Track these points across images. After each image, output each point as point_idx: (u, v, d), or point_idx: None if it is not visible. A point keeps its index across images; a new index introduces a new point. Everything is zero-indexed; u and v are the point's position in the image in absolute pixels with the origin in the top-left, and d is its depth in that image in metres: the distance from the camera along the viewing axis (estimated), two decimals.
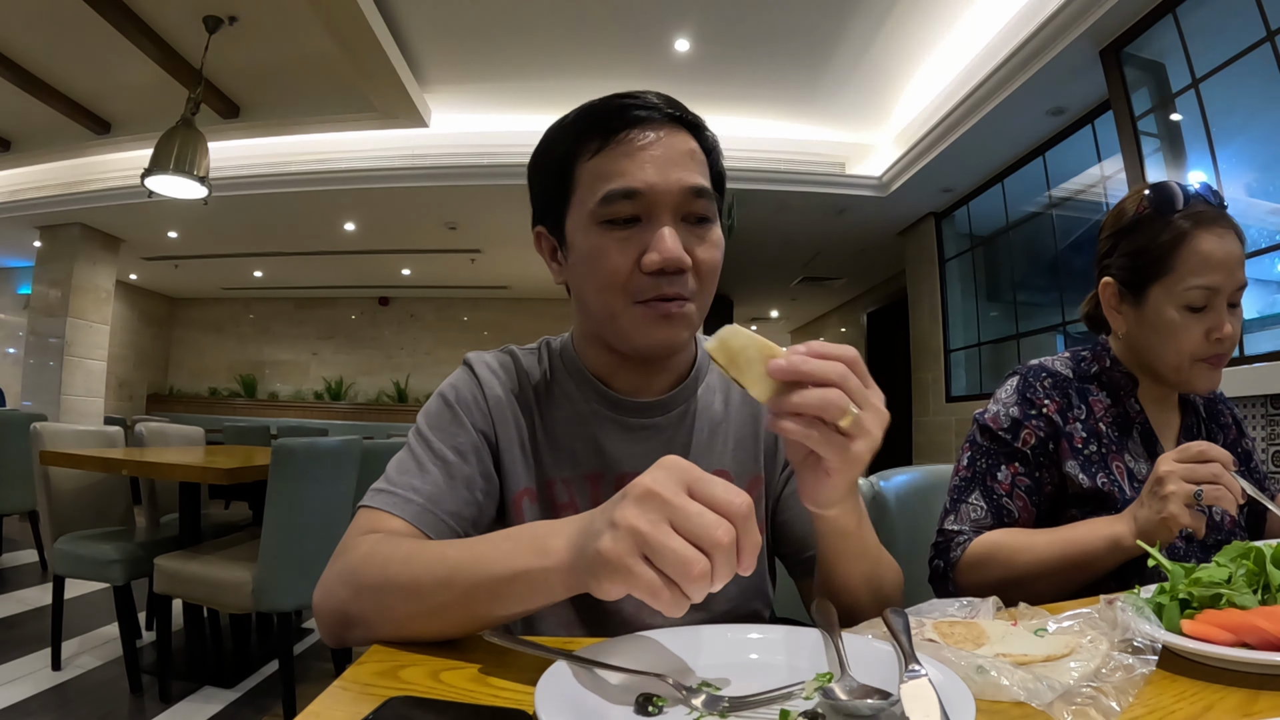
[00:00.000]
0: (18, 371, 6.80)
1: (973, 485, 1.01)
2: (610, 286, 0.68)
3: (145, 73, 4.29)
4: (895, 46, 4.14)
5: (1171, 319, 0.95)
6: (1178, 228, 0.94)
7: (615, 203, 0.67)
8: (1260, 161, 2.98)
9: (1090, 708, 0.43)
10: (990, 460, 1.01)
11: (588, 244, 0.69)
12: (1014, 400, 1.02)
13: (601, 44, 4.18)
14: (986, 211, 5.22)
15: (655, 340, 0.70)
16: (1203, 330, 0.94)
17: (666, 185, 0.67)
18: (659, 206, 0.67)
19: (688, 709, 0.45)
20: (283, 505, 2.11)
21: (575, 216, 0.71)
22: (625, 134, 0.68)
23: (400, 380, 9.38)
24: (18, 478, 3.51)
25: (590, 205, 0.68)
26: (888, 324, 7.86)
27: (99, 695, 2.24)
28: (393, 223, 6.51)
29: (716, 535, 0.42)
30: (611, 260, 0.67)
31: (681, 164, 0.68)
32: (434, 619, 0.56)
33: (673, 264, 0.66)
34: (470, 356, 0.82)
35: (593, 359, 0.79)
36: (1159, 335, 0.97)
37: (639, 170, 0.67)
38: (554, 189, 0.73)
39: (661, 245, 0.66)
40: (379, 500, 0.69)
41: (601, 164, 0.68)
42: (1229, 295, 0.94)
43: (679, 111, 0.71)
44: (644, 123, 0.69)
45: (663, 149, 0.68)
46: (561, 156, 0.71)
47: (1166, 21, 3.03)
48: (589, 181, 0.69)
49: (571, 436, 0.77)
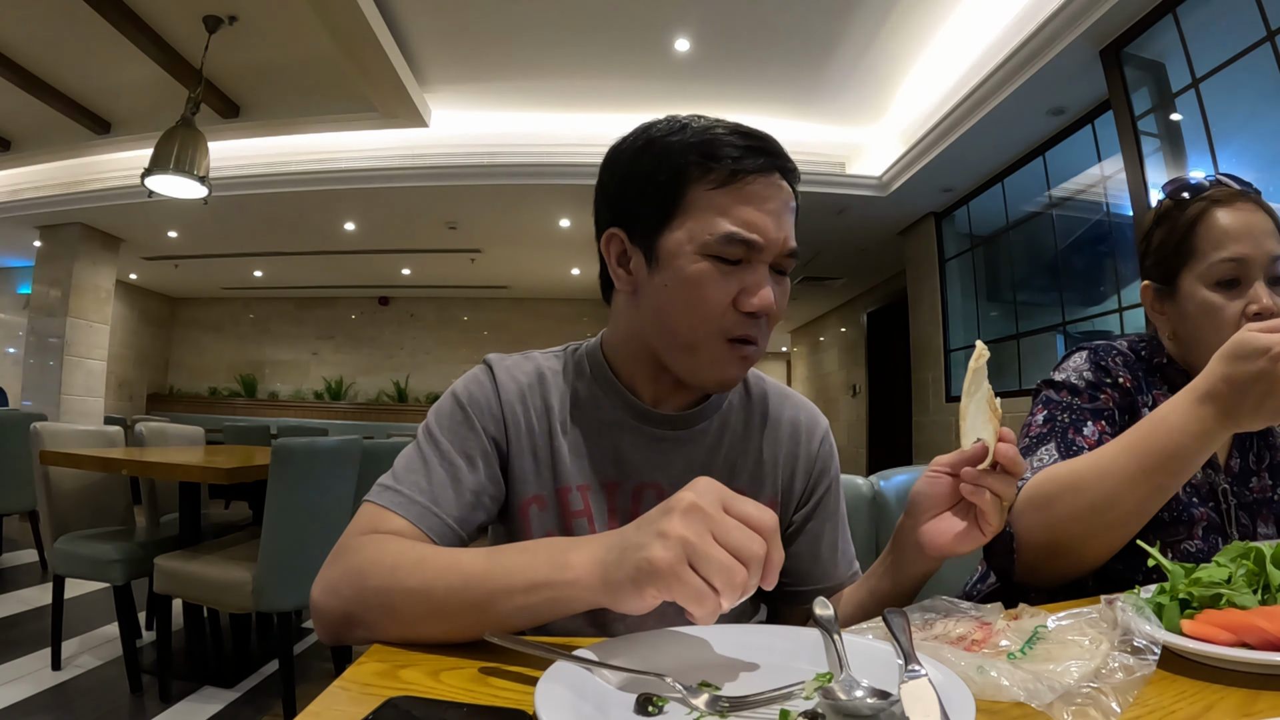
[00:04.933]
0: (18, 371, 6.80)
1: (1048, 439, 0.89)
2: (706, 316, 0.70)
3: (145, 73, 4.30)
4: (895, 46, 4.14)
5: (1205, 300, 0.89)
6: (1195, 210, 0.91)
7: (734, 245, 0.69)
8: (1260, 161, 2.98)
9: (1090, 708, 0.43)
10: (1074, 415, 0.90)
11: (692, 270, 0.69)
12: (1087, 367, 0.94)
13: (601, 44, 4.18)
14: (986, 211, 5.22)
15: (728, 377, 0.73)
16: (1240, 307, 0.87)
17: (778, 241, 0.70)
18: (765, 256, 0.71)
19: (688, 709, 0.45)
20: (283, 505, 2.11)
21: (679, 239, 0.70)
22: (751, 178, 0.69)
23: (400, 380, 9.38)
24: (18, 478, 3.51)
25: (705, 236, 0.69)
26: (888, 324, 7.86)
27: (99, 695, 2.24)
28: (393, 223, 6.51)
29: (753, 548, 0.47)
30: (713, 291, 0.69)
31: (788, 220, 0.72)
32: (442, 625, 0.56)
33: (768, 311, 0.70)
34: (491, 358, 0.81)
35: (624, 367, 0.79)
36: (1198, 324, 0.91)
37: (761, 221, 0.69)
38: (655, 201, 0.72)
39: (765, 293, 0.70)
40: (384, 498, 0.69)
41: (724, 201, 0.69)
42: (1264, 269, 0.87)
43: (791, 165, 0.74)
44: (767, 171, 0.71)
45: (779, 204, 0.71)
46: (673, 173, 0.71)
47: (1166, 21, 3.03)
48: (705, 212, 0.69)
49: (591, 444, 0.77)
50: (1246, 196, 0.90)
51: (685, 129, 0.72)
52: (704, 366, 0.72)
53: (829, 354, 10.62)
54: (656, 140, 0.72)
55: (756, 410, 0.85)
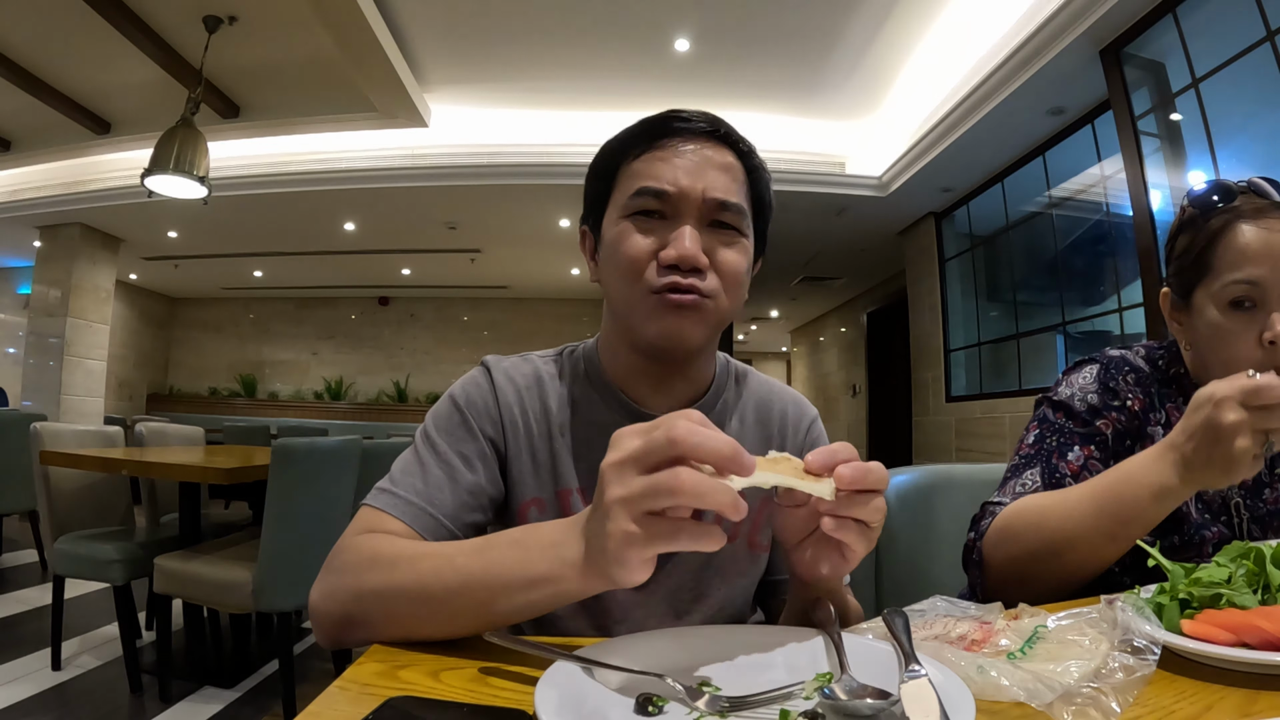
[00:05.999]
0: (18, 371, 6.79)
1: (1034, 461, 0.89)
2: (630, 273, 0.71)
3: (145, 73, 4.29)
4: (895, 46, 4.14)
5: (1215, 322, 0.85)
6: (1217, 223, 0.86)
7: (643, 197, 0.71)
8: (1260, 161, 2.98)
9: (1090, 708, 0.43)
10: (1063, 438, 0.89)
11: (613, 233, 0.73)
12: (1094, 387, 0.91)
13: (601, 44, 4.18)
14: (986, 211, 5.22)
15: (665, 331, 0.70)
16: (1254, 334, 0.82)
17: (693, 189, 0.70)
18: (684, 208, 0.70)
19: (688, 709, 0.45)
20: (283, 505, 2.11)
21: (610, 213, 0.75)
22: (667, 140, 0.72)
23: (400, 380, 9.38)
24: (18, 478, 3.51)
25: (623, 200, 0.73)
26: (888, 324, 7.86)
27: (99, 695, 2.24)
28: (393, 223, 6.51)
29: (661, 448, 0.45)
30: (632, 247, 0.71)
31: (713, 174, 0.71)
32: (440, 622, 0.56)
33: (686, 261, 0.68)
34: (489, 360, 0.81)
35: (614, 365, 0.79)
36: (1208, 345, 0.87)
37: (670, 172, 0.71)
38: (599, 189, 0.77)
39: (679, 242, 0.69)
40: (381, 500, 0.69)
41: (640, 165, 0.73)
42: None
43: (722, 128, 0.75)
44: (686, 133, 0.73)
45: (698, 158, 0.72)
46: (609, 160, 0.76)
47: (1166, 21, 3.03)
48: (626, 181, 0.73)
49: (588, 446, 0.77)
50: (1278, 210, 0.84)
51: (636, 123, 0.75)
52: (644, 323, 0.71)
53: (829, 354, 10.63)
54: (609, 139, 0.77)
55: (748, 406, 0.86)
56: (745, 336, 14.18)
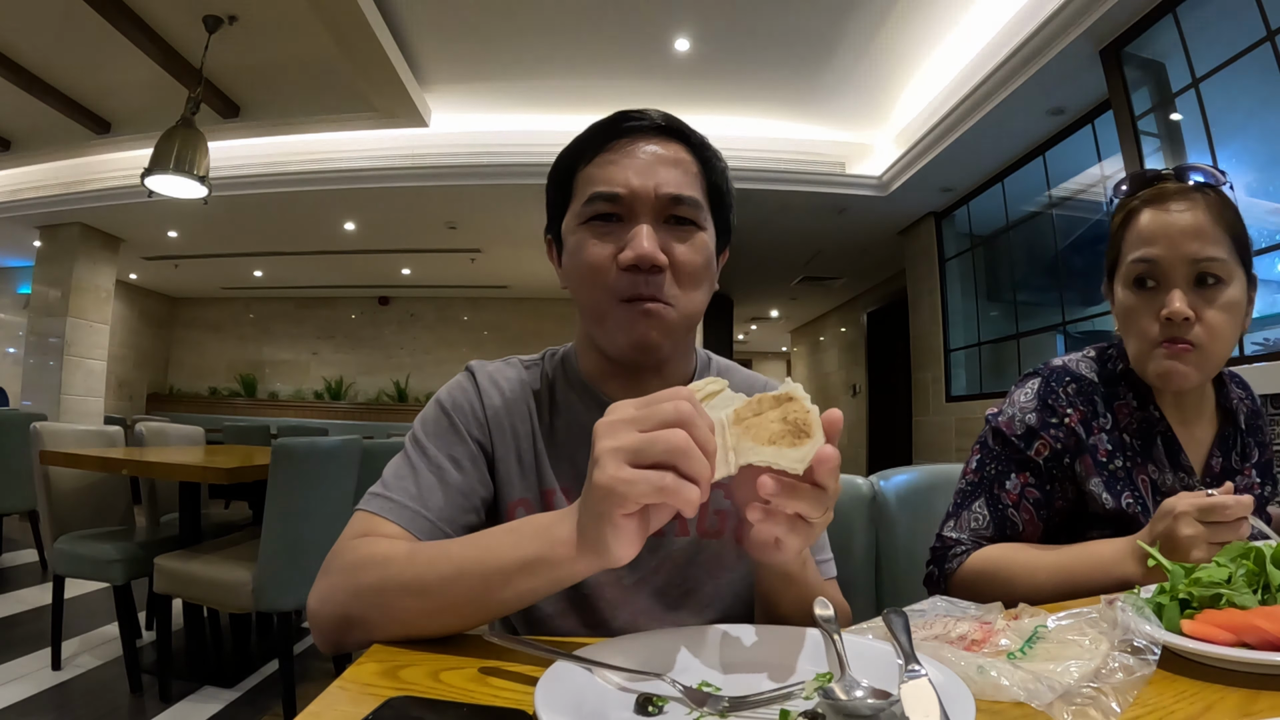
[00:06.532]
0: (18, 371, 6.79)
1: (979, 491, 0.95)
2: (594, 282, 0.71)
3: (145, 72, 4.29)
4: (895, 46, 4.14)
5: (1123, 301, 0.91)
6: (1127, 209, 0.92)
7: (597, 203, 0.71)
8: (1260, 161, 2.98)
9: (1090, 708, 0.43)
10: (1000, 466, 0.95)
11: (573, 241, 0.74)
12: (1033, 405, 0.94)
13: (601, 44, 4.18)
14: (986, 211, 5.22)
15: (633, 336, 0.71)
16: (1155, 311, 0.86)
17: (645, 188, 0.70)
18: (638, 208, 0.71)
19: (688, 709, 0.45)
20: (283, 505, 2.11)
21: (568, 221, 0.75)
22: (617, 142, 0.73)
23: (400, 380, 9.38)
24: (18, 478, 3.51)
25: (578, 207, 0.73)
26: (888, 324, 7.86)
27: (99, 695, 2.24)
28: (393, 223, 6.51)
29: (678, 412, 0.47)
30: (591, 253, 0.71)
31: (664, 170, 0.71)
32: (439, 615, 0.57)
33: (645, 260, 0.68)
34: (474, 364, 0.82)
35: (588, 366, 0.80)
36: (1123, 324, 0.92)
37: (621, 174, 0.71)
38: (557, 198, 0.78)
39: (635, 242, 0.69)
40: (374, 505, 0.70)
41: (593, 170, 0.73)
42: (1185, 272, 0.85)
43: (671, 123, 0.75)
44: (636, 133, 0.73)
45: (649, 156, 0.72)
46: (565, 167, 0.76)
47: (1166, 21, 3.03)
48: (581, 187, 0.74)
49: (572, 446, 0.78)
50: (1187, 193, 0.87)
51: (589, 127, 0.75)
52: (613, 332, 0.72)
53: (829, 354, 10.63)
54: (566, 145, 0.77)
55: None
56: (745, 336, 14.17)
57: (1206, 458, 0.95)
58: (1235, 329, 0.87)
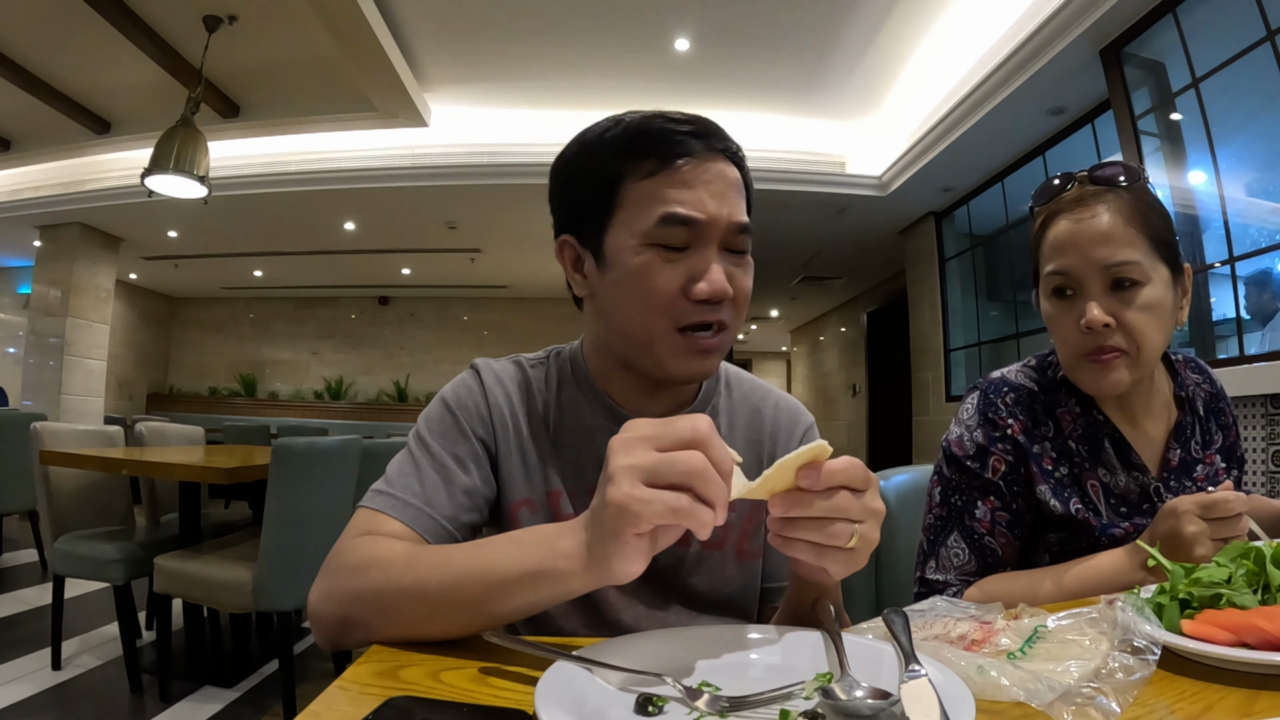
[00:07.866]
0: (18, 371, 6.79)
1: (950, 525, 0.94)
2: (655, 308, 0.68)
3: (145, 72, 4.29)
4: (895, 46, 4.14)
5: (1047, 311, 0.91)
6: (1039, 221, 0.92)
7: (672, 227, 0.67)
8: (1260, 161, 2.98)
9: (1090, 708, 0.43)
10: (964, 496, 0.93)
11: (635, 263, 0.69)
12: (976, 422, 0.93)
13: (601, 43, 4.18)
14: (986, 211, 5.22)
15: (690, 372, 0.71)
16: (1074, 319, 0.86)
17: (719, 215, 0.68)
18: (710, 236, 0.69)
19: (688, 709, 0.45)
20: (283, 505, 2.11)
21: (620, 234, 0.70)
22: (681, 162, 0.68)
23: (400, 380, 9.38)
24: (18, 478, 3.51)
25: (643, 226, 0.68)
26: (888, 323, 7.86)
27: (99, 695, 2.24)
28: (393, 223, 6.51)
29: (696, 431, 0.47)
30: (659, 281, 0.68)
31: (731, 197, 0.70)
32: (439, 621, 0.57)
33: (719, 295, 0.68)
34: (479, 362, 0.81)
35: (601, 372, 0.79)
36: (1050, 331, 0.92)
37: (697, 200, 0.68)
38: (593, 203, 0.72)
39: (712, 276, 0.68)
40: (377, 502, 0.69)
41: (656, 188, 0.68)
42: (1099, 277, 0.84)
43: (728, 145, 0.72)
44: (697, 153, 0.69)
45: (718, 182, 0.69)
46: (605, 172, 0.71)
47: (1166, 21, 3.03)
48: (641, 202, 0.69)
49: (577, 449, 0.77)
50: (1100, 197, 0.86)
51: (618, 125, 0.72)
52: (664, 360, 0.70)
53: (829, 354, 10.62)
54: (590, 142, 0.73)
55: (739, 410, 0.85)
56: (745, 336, 14.18)
57: (1163, 452, 0.94)
58: (1161, 326, 0.86)
